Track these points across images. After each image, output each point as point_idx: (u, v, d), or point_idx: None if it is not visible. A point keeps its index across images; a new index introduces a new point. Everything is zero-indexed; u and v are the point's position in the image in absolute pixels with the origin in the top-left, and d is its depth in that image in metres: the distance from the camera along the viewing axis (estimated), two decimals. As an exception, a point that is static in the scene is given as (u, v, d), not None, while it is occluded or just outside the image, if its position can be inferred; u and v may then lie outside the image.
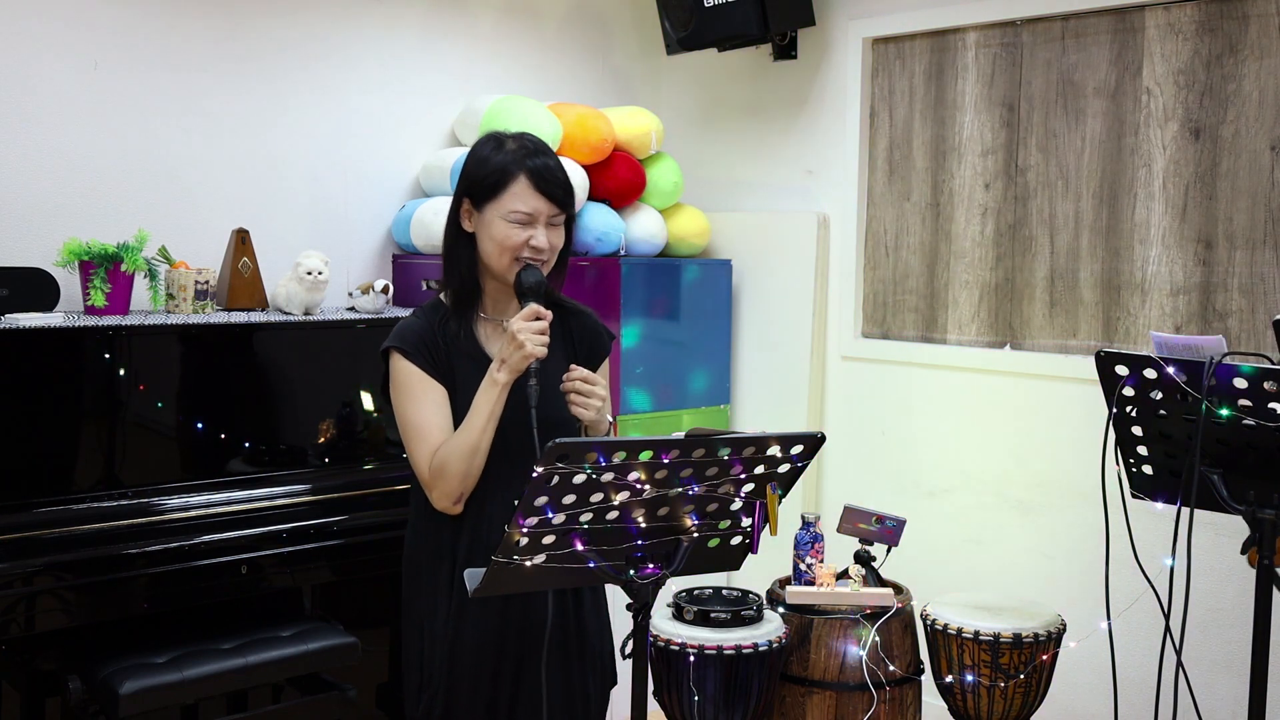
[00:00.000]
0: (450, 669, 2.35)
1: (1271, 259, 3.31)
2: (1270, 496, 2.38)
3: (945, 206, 3.98)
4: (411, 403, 2.33)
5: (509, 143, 2.35)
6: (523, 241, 2.30)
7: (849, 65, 4.16)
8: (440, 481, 2.28)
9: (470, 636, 2.34)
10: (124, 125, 3.44)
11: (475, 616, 2.34)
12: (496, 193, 2.31)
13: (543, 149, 2.36)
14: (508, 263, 2.32)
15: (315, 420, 3.46)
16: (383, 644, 3.78)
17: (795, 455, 2.04)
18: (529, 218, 2.30)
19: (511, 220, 2.30)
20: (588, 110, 4.03)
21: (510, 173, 2.30)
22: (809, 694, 3.02)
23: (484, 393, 2.26)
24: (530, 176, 2.30)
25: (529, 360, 2.22)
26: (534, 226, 2.31)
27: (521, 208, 2.30)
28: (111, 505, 3.03)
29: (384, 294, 3.62)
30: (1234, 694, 3.31)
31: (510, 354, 2.22)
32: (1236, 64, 3.35)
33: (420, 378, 2.33)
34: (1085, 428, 3.54)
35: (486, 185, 2.32)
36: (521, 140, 2.36)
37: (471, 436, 2.26)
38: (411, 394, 2.33)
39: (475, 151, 2.38)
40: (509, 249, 2.30)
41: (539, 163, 2.32)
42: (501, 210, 2.30)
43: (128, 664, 2.86)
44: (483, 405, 2.25)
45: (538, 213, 2.31)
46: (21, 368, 2.95)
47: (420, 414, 2.32)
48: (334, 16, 3.84)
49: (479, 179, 2.33)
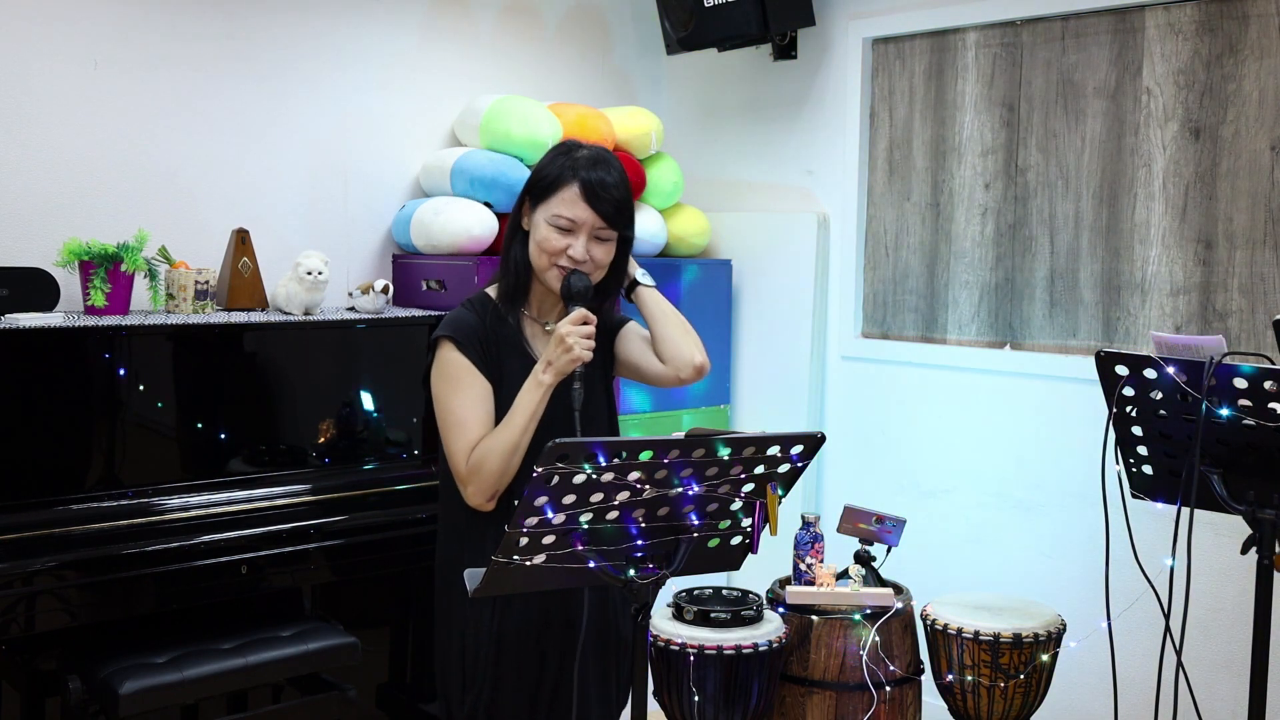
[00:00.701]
0: (496, 666, 2.36)
1: (1271, 259, 3.31)
2: (1270, 496, 2.38)
3: (945, 206, 3.98)
4: (456, 394, 2.33)
5: (579, 151, 2.38)
6: (561, 248, 2.32)
7: (849, 65, 4.16)
8: (476, 477, 2.28)
9: (513, 634, 2.36)
10: (124, 125, 3.44)
11: (519, 613, 2.36)
12: (548, 195, 2.35)
13: (605, 162, 2.37)
14: (545, 265, 2.35)
15: (315, 420, 3.46)
16: (383, 644, 3.78)
17: (795, 455, 2.04)
18: (572, 225, 2.33)
19: (554, 225, 2.33)
20: (588, 110, 4.03)
21: (565, 178, 2.33)
22: (809, 694, 3.02)
23: (528, 393, 2.28)
24: (582, 186, 2.32)
25: (576, 364, 2.25)
26: (575, 235, 2.33)
27: (566, 213, 2.32)
28: (111, 505, 3.03)
29: (384, 294, 3.62)
30: (1234, 694, 3.31)
31: (558, 356, 2.25)
32: (1236, 64, 3.35)
33: (469, 369, 2.33)
34: (1085, 428, 3.54)
35: (542, 186, 2.36)
36: (592, 152, 2.38)
37: (513, 435, 2.27)
38: (458, 385, 2.33)
39: (547, 153, 2.42)
40: (546, 252, 2.34)
41: (595, 175, 2.33)
42: (548, 213, 2.34)
43: (128, 664, 2.86)
44: (525, 405, 2.27)
45: (581, 222, 2.33)
46: (21, 368, 2.95)
47: (463, 406, 2.32)
48: (334, 16, 3.84)
49: (539, 179, 2.37)
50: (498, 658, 2.36)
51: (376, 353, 3.58)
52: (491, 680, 2.37)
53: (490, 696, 2.37)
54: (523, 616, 2.36)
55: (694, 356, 2.47)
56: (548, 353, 2.27)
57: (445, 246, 3.73)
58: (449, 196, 3.86)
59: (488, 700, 2.37)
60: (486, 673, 2.37)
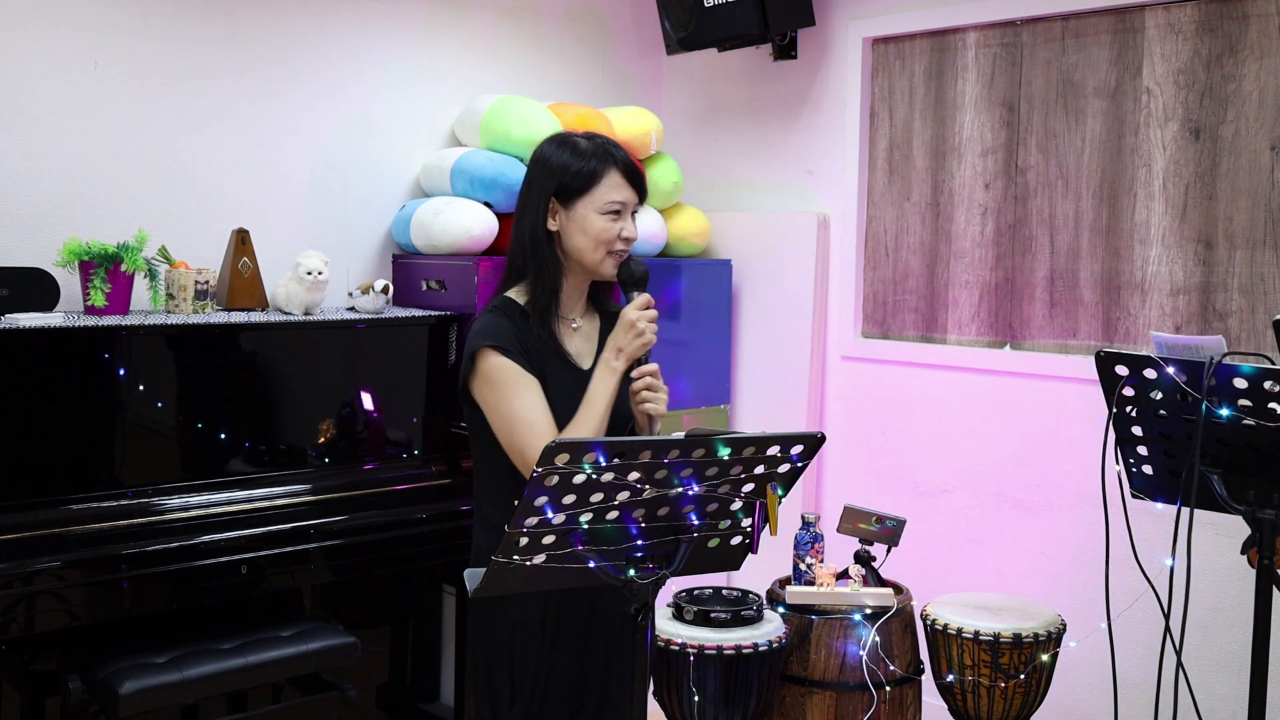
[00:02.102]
0: (547, 686, 2.37)
1: (1271, 259, 3.31)
2: (1270, 496, 2.38)
3: (945, 206, 3.98)
4: (516, 396, 2.32)
5: (582, 141, 2.41)
6: (618, 233, 2.38)
7: (849, 65, 4.16)
8: None
9: (566, 637, 2.38)
10: (124, 125, 3.44)
11: (570, 616, 2.38)
12: (590, 186, 2.37)
13: (616, 143, 2.44)
14: (602, 256, 2.38)
15: (315, 420, 3.46)
16: (383, 644, 3.78)
17: (795, 455, 2.04)
18: (621, 207, 2.38)
19: (607, 212, 2.37)
20: (588, 110, 4.03)
21: (603, 167, 2.37)
22: (809, 694, 3.02)
23: (602, 381, 2.32)
24: (621, 168, 2.39)
25: (647, 348, 2.31)
26: (624, 217, 2.39)
27: (617, 198, 2.38)
28: (111, 505, 3.03)
29: (384, 294, 3.62)
30: (1234, 694, 3.31)
31: (629, 342, 2.30)
32: (1236, 64, 3.35)
33: (521, 372, 2.33)
34: (1085, 428, 3.54)
35: (579, 180, 2.37)
36: (593, 138, 2.43)
37: (593, 424, 2.30)
38: (515, 388, 2.32)
39: (551, 155, 2.41)
40: (604, 241, 2.37)
41: (623, 155, 2.41)
42: (597, 203, 2.37)
43: (128, 664, 2.86)
44: (602, 393, 2.31)
45: (628, 203, 2.40)
46: (21, 368, 2.95)
47: (527, 407, 2.31)
48: (334, 16, 3.84)
49: (570, 175, 2.37)
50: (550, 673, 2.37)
51: (376, 353, 3.58)
52: (542, 692, 2.37)
53: (540, 709, 2.38)
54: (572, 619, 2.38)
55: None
56: (617, 339, 2.32)
57: (445, 246, 3.73)
58: (449, 196, 3.86)
59: (539, 708, 2.37)
60: (540, 679, 2.37)
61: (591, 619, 2.40)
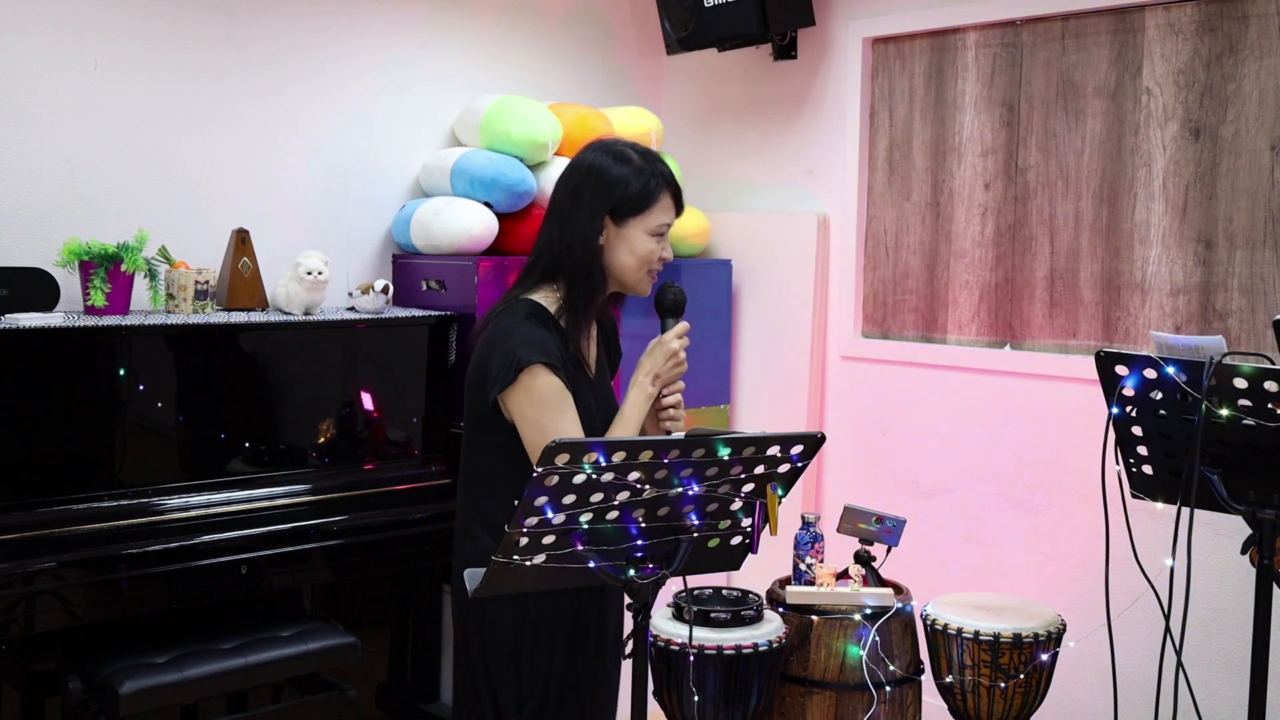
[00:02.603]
0: (563, 681, 2.37)
1: (1271, 259, 3.31)
2: (1270, 496, 2.38)
3: (945, 206, 3.98)
4: (561, 417, 2.28)
5: (635, 156, 2.36)
6: (658, 254, 2.37)
7: (849, 65, 4.16)
8: None
9: (577, 649, 2.39)
10: (124, 125, 3.44)
11: (581, 625, 2.38)
12: (646, 207, 2.34)
13: (656, 152, 2.42)
14: (642, 275, 2.38)
15: (315, 420, 3.46)
16: (383, 644, 3.78)
17: (795, 455, 2.04)
18: (667, 229, 2.38)
19: (656, 234, 2.36)
20: (588, 110, 4.03)
21: (657, 188, 2.35)
22: (809, 694, 3.02)
23: (636, 406, 2.34)
24: (671, 190, 2.37)
25: (681, 373, 2.37)
26: (666, 238, 2.39)
27: (666, 220, 2.37)
28: (111, 505, 3.03)
29: (384, 294, 3.62)
30: (1234, 694, 3.31)
31: (668, 369, 2.34)
32: (1236, 64, 3.35)
33: (564, 391, 2.29)
34: (1085, 428, 3.54)
35: (635, 200, 2.33)
36: (645, 153, 2.38)
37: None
38: (560, 407, 2.29)
39: (610, 167, 2.34)
40: (648, 262, 2.37)
41: (670, 174, 2.39)
42: (649, 225, 2.35)
43: (128, 664, 2.86)
44: (635, 416, 2.34)
45: (671, 225, 2.40)
46: (21, 368, 2.95)
47: (571, 428, 2.29)
48: (334, 16, 3.84)
49: (627, 194, 2.33)
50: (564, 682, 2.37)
51: (376, 353, 3.58)
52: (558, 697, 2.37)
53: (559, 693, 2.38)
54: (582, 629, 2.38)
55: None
56: (655, 364, 2.34)
57: (445, 246, 3.73)
58: (449, 196, 3.86)
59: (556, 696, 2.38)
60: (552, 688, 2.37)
61: (600, 624, 2.40)
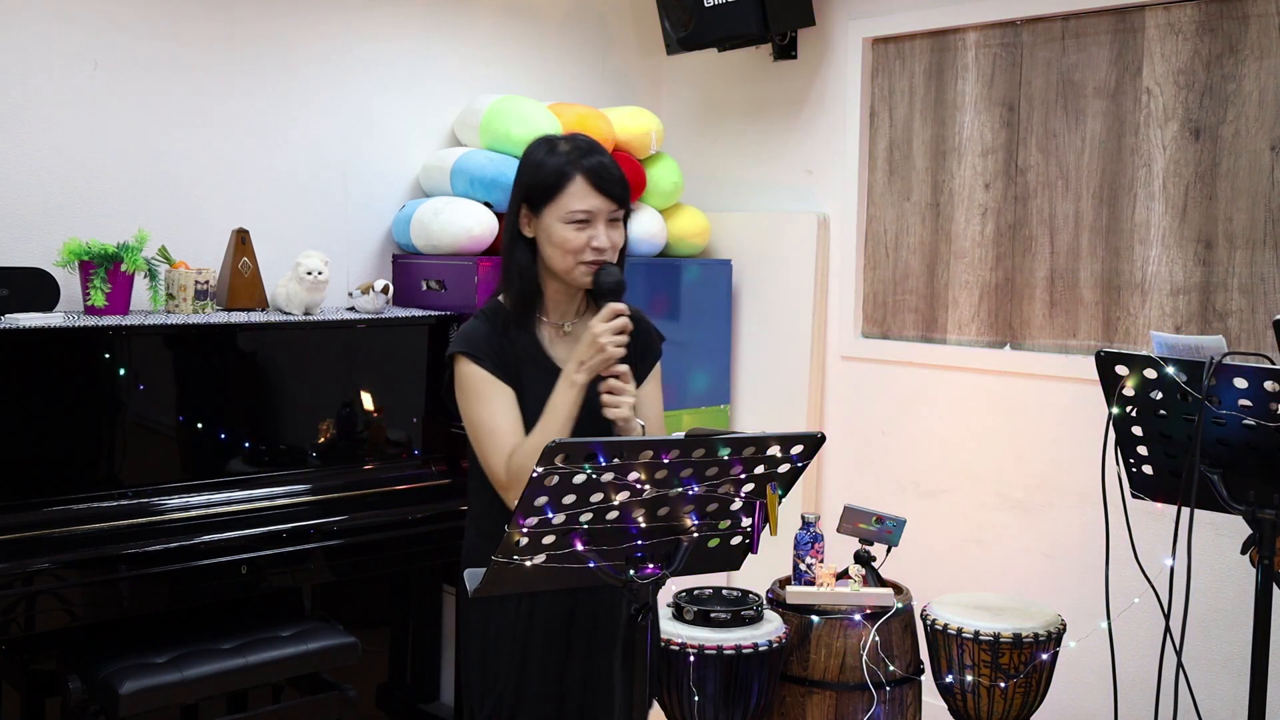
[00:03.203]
0: (520, 670, 2.36)
1: (1271, 259, 3.31)
2: (1270, 496, 2.38)
3: (945, 206, 3.98)
4: (483, 406, 2.32)
5: (561, 144, 2.35)
6: (584, 243, 2.30)
7: (849, 65, 4.16)
8: (518, 484, 2.26)
9: (539, 637, 2.37)
10: (124, 125, 3.44)
11: (545, 617, 2.36)
12: (554, 195, 2.30)
13: (596, 148, 2.36)
14: (570, 265, 2.32)
15: (315, 420, 3.46)
16: (383, 644, 3.78)
17: (795, 455, 2.04)
18: (589, 216, 2.30)
19: (571, 221, 2.30)
20: (588, 110, 4.03)
21: (567, 174, 2.30)
22: (809, 694, 3.02)
23: (562, 394, 2.27)
24: (587, 175, 2.30)
25: (609, 362, 2.25)
26: (594, 226, 2.31)
27: (581, 207, 2.30)
28: (111, 505, 3.03)
29: (384, 294, 3.62)
30: (1234, 694, 3.31)
31: (590, 356, 2.25)
32: (1236, 64, 3.35)
33: (490, 380, 2.32)
34: (1085, 428, 3.54)
35: (544, 188, 2.31)
36: (574, 141, 2.36)
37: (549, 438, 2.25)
38: (482, 397, 2.32)
39: (529, 156, 2.37)
40: (571, 251, 2.31)
41: (594, 161, 2.32)
42: (560, 212, 2.30)
43: (128, 664, 2.86)
44: (560, 406, 2.27)
45: (597, 211, 2.31)
46: (21, 368, 2.95)
47: (493, 417, 2.31)
48: (334, 17, 3.84)
49: (536, 182, 2.32)
50: (521, 663, 2.36)
51: (376, 353, 3.58)
52: (515, 685, 2.36)
53: (514, 702, 2.37)
54: (548, 621, 2.36)
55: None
56: (580, 352, 2.27)
57: (445, 246, 3.73)
58: (449, 196, 3.86)
59: (510, 705, 2.37)
60: (510, 677, 2.37)
61: (569, 621, 2.38)
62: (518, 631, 2.37)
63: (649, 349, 2.50)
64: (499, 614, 2.37)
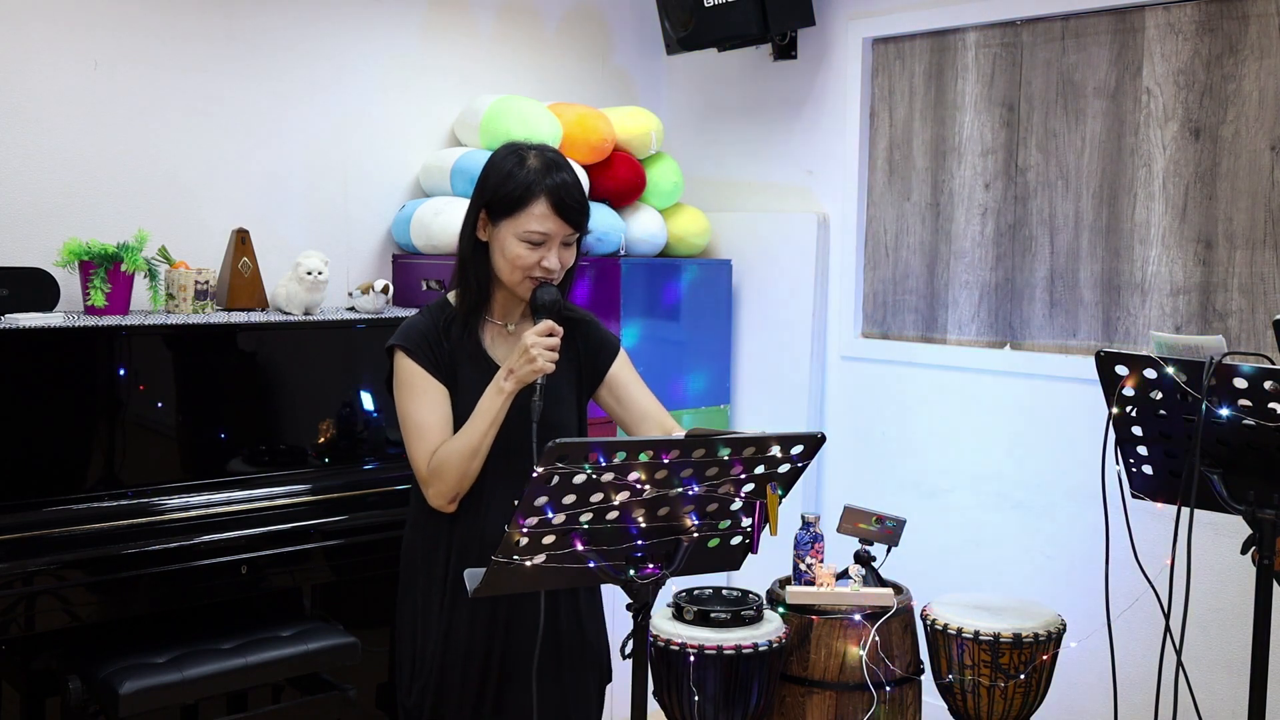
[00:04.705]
0: (442, 662, 2.38)
1: (1271, 259, 3.31)
2: (1270, 496, 2.38)
3: (945, 206, 3.98)
4: (413, 400, 2.35)
5: (530, 158, 2.33)
6: (534, 262, 2.31)
7: (849, 65, 4.16)
8: (437, 480, 2.31)
9: (462, 631, 2.38)
10: (124, 125, 3.44)
11: (468, 612, 2.37)
12: (514, 211, 2.30)
13: (563, 165, 2.35)
14: (519, 280, 2.33)
15: (315, 420, 3.46)
16: (383, 644, 3.78)
17: (795, 455, 2.04)
18: (544, 238, 2.31)
19: (526, 240, 2.30)
20: (588, 110, 4.03)
21: (531, 193, 2.29)
22: (809, 694, 3.02)
23: (489, 399, 2.28)
24: (550, 198, 2.29)
25: (537, 374, 2.24)
26: (548, 248, 2.31)
27: (538, 228, 2.30)
28: (111, 505, 3.02)
29: (384, 294, 3.62)
30: (1234, 694, 3.31)
31: (520, 365, 2.25)
32: (1236, 64, 3.35)
33: (422, 376, 2.35)
34: (1085, 428, 3.54)
35: (506, 201, 2.31)
36: (543, 155, 2.35)
37: (472, 440, 2.28)
38: (413, 392, 2.35)
39: (496, 164, 2.36)
40: (520, 269, 2.32)
41: (559, 180, 2.31)
42: (517, 229, 2.30)
43: (128, 664, 2.86)
44: (486, 411, 2.28)
45: (554, 235, 2.31)
46: (21, 368, 2.95)
47: (420, 412, 2.34)
48: (334, 16, 3.84)
49: (500, 194, 2.32)
50: (443, 655, 2.38)
51: (376, 353, 3.57)
52: (437, 677, 2.38)
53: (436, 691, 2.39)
54: (471, 617, 2.37)
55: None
56: (511, 360, 2.27)
57: (445, 246, 3.73)
58: (449, 196, 3.86)
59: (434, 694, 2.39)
60: (433, 668, 2.39)
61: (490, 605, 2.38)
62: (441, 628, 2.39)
63: (603, 345, 2.52)
64: (425, 608, 2.41)
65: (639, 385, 2.53)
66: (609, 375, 2.51)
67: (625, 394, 2.51)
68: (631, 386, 2.52)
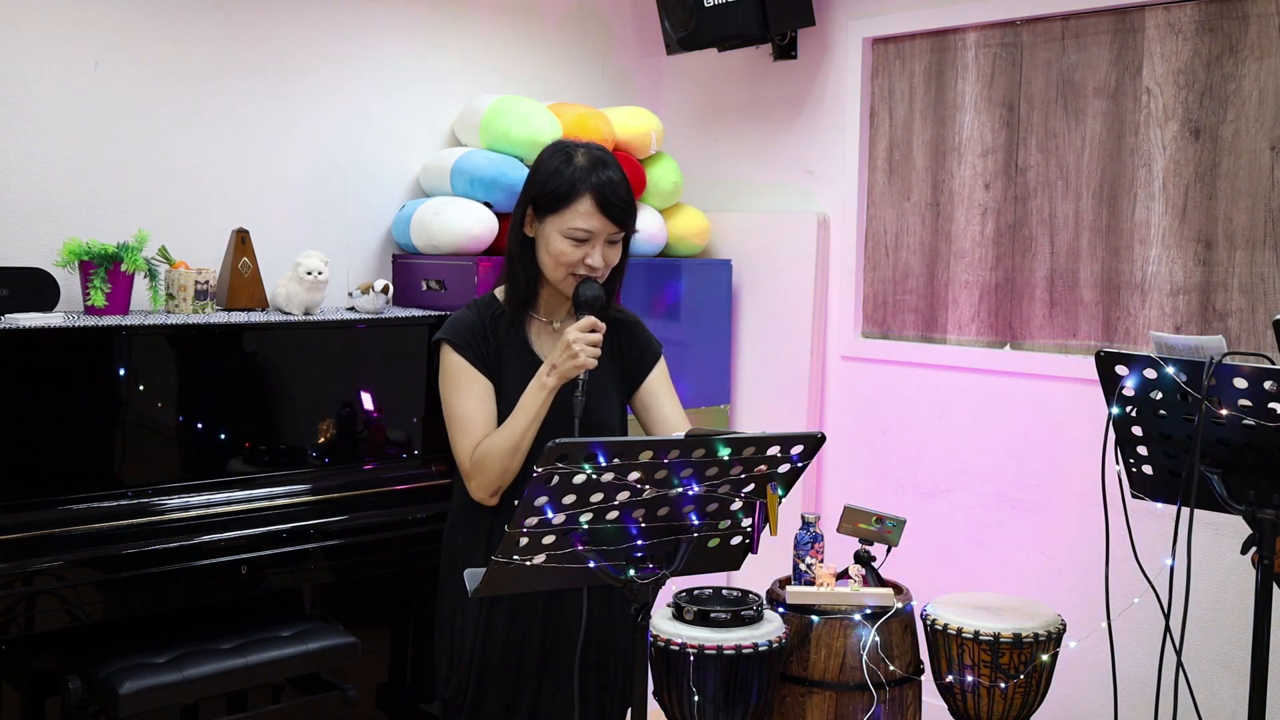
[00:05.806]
0: (481, 654, 2.40)
1: (1271, 259, 3.31)
2: (1270, 496, 2.38)
3: (945, 206, 3.98)
4: (458, 394, 2.38)
5: (578, 155, 2.36)
6: (579, 259, 2.33)
7: (849, 65, 4.16)
8: (480, 474, 2.34)
9: (501, 625, 2.40)
10: (124, 125, 3.44)
11: (508, 606, 2.39)
12: (560, 207, 2.33)
13: (610, 163, 2.37)
14: (562, 276, 2.36)
15: (315, 420, 3.46)
16: (383, 644, 3.78)
17: (795, 455, 2.04)
18: (589, 236, 2.33)
19: (571, 237, 2.32)
20: (588, 110, 4.03)
21: (577, 190, 2.31)
22: (809, 694, 3.02)
23: (531, 394, 2.31)
24: (596, 196, 2.31)
25: (579, 370, 2.27)
26: (592, 245, 2.33)
27: (583, 226, 2.32)
28: (111, 505, 3.03)
29: (384, 294, 3.62)
30: (1234, 694, 3.31)
31: (563, 361, 2.27)
32: (1236, 64, 3.35)
33: (467, 370, 2.37)
34: (1085, 428, 3.54)
35: (552, 198, 2.33)
36: (590, 153, 2.37)
37: (514, 435, 2.31)
38: (458, 385, 2.38)
39: (544, 161, 2.39)
40: (564, 265, 2.34)
41: (604, 178, 2.33)
42: (562, 225, 2.33)
43: (128, 664, 2.86)
44: (528, 406, 2.30)
45: (598, 232, 2.33)
46: (21, 368, 2.95)
47: (465, 406, 2.37)
48: (334, 17, 3.84)
49: (546, 191, 2.34)
50: (483, 649, 2.40)
51: (376, 353, 3.58)
52: (477, 670, 2.40)
53: (476, 687, 2.40)
54: (512, 611, 2.40)
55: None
56: (553, 356, 2.30)
57: (445, 246, 3.73)
58: (449, 196, 3.86)
59: (473, 685, 2.40)
60: (472, 661, 2.41)
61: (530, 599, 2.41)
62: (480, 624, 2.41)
63: (646, 349, 2.55)
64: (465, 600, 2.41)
65: (670, 395, 2.55)
66: (646, 381, 2.53)
67: (654, 402, 2.53)
68: (662, 395, 2.54)
